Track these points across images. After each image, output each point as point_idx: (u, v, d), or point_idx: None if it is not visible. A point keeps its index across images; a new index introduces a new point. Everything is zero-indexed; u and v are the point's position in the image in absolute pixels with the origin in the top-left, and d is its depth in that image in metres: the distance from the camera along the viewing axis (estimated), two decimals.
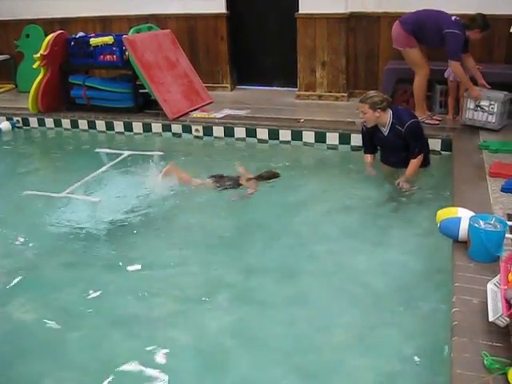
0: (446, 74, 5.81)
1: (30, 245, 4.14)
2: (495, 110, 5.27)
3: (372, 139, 4.97)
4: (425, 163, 4.87)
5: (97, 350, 2.97)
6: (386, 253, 3.76)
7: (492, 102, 5.27)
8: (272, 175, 5.04)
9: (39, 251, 4.04)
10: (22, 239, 4.21)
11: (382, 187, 4.80)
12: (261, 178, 4.97)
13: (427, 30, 5.48)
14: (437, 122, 5.71)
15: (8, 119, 6.98)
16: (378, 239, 3.96)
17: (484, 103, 5.30)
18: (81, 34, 7.03)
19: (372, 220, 4.29)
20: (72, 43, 6.82)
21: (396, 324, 3.02)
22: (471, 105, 5.39)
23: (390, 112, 4.70)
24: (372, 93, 4.78)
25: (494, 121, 5.32)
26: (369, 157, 5.09)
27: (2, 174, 5.71)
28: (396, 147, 4.76)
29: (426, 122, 5.62)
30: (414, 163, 4.69)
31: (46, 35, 7.00)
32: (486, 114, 5.33)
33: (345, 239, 4.01)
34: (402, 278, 3.45)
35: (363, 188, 4.81)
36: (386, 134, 4.76)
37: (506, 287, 2.36)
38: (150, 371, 2.79)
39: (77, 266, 3.82)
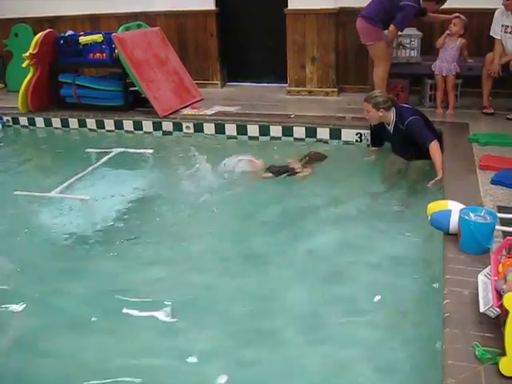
0: (432, 67, 5.86)
1: (19, 244, 4.10)
2: (415, 45, 6.03)
3: (380, 134, 5.07)
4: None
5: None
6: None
7: (412, 39, 6.03)
8: (320, 156, 5.28)
9: (29, 251, 3.99)
10: (10, 238, 4.17)
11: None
12: (312, 160, 5.19)
13: (389, 10, 5.62)
14: None
15: None
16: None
17: (405, 41, 6.03)
18: (70, 32, 6.99)
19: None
20: (61, 42, 6.78)
21: None
22: (394, 44, 6.02)
23: (393, 111, 4.74)
24: (377, 92, 4.88)
25: (416, 55, 6.08)
26: (373, 149, 5.30)
27: None
28: (403, 143, 4.79)
29: None
30: (434, 154, 4.42)
31: (35, 34, 6.96)
32: (408, 50, 6.08)
33: None
34: None
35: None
36: (391, 131, 4.83)
37: (496, 278, 2.38)
38: None
39: (66, 265, 3.78)
